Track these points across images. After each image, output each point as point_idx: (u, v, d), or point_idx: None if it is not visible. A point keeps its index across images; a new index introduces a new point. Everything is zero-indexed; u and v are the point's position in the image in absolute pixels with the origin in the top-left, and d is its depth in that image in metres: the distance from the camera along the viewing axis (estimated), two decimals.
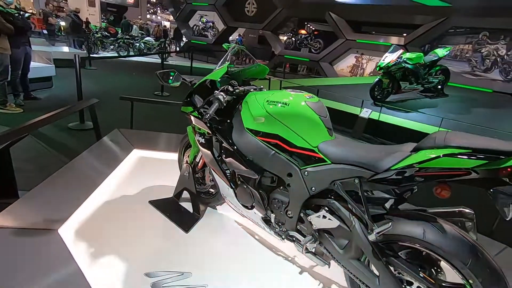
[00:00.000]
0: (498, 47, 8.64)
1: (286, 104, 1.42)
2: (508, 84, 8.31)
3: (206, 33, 15.92)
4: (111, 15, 21.93)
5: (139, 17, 23.64)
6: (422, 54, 6.19)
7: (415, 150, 1.11)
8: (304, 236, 1.46)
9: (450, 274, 1.23)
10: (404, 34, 9.91)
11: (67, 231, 1.77)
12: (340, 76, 11.10)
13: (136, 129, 3.65)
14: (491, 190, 0.99)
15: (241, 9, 13.60)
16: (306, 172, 1.39)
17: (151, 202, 2.18)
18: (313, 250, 1.46)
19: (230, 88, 1.62)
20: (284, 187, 1.52)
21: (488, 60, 8.73)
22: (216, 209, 2.22)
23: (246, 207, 1.66)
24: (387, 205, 1.27)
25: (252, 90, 1.70)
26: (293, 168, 1.43)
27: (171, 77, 1.78)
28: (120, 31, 15.44)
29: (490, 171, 0.95)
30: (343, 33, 10.69)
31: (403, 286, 1.20)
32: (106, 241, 1.75)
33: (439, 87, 6.51)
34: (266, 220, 1.62)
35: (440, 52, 6.26)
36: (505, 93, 7.91)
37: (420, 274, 1.16)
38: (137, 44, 13.05)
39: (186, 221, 2.02)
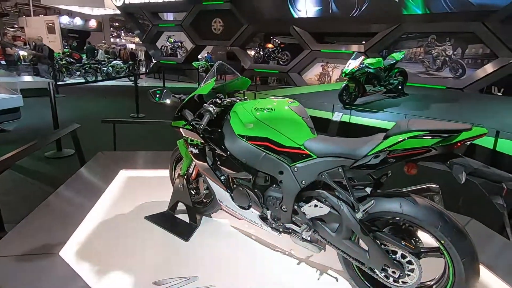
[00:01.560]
0: (445, 48, 9.59)
1: (272, 109, 1.60)
2: (458, 80, 9.20)
3: (175, 52, 16.05)
4: (73, 41, 21.43)
5: (103, 41, 23.28)
6: (381, 58, 6.75)
7: (386, 137, 1.32)
8: (300, 226, 1.61)
9: (426, 240, 1.44)
10: (363, 42, 10.69)
11: (68, 253, 1.78)
12: (309, 85, 11.64)
13: (119, 150, 3.66)
14: (448, 162, 1.22)
15: (208, 28, 13.94)
16: (295, 168, 1.56)
17: (147, 218, 2.24)
18: (309, 238, 1.61)
19: (218, 101, 1.78)
20: (277, 185, 1.67)
21: (438, 60, 9.64)
22: (211, 216, 2.32)
23: (243, 207, 1.79)
24: (368, 190, 1.47)
25: (238, 100, 1.86)
26: (283, 166, 1.59)
27: (160, 95, 1.91)
28: (85, 57, 15.15)
29: (445, 147, 1.18)
30: (308, 44, 11.31)
31: (389, 255, 1.38)
32: (109, 257, 1.79)
33: (400, 87, 7.10)
34: (263, 218, 1.76)
35: (397, 55, 6.86)
36: (457, 88, 8.75)
37: (402, 243, 1.35)
38: (105, 69, 12.88)
39: (184, 230, 2.10)
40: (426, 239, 1.46)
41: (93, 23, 25.09)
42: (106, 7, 19.33)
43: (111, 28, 30.69)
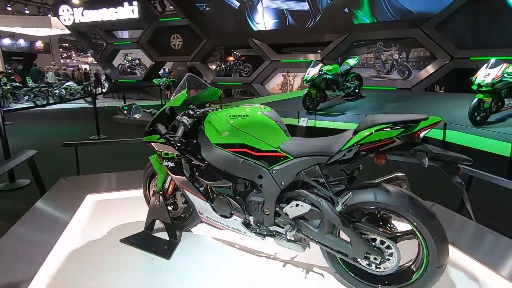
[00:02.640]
0: (392, 53, 10.49)
1: (246, 116, 1.64)
2: (406, 81, 10.08)
3: (134, 70, 15.60)
4: (19, 64, 19.87)
5: (52, 62, 21.88)
6: (337, 65, 7.20)
7: (355, 133, 1.42)
8: (283, 228, 1.65)
9: (400, 226, 1.55)
10: (319, 51, 11.30)
11: None
12: (273, 94, 11.96)
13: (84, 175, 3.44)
14: (412, 150, 1.34)
15: (166, 44, 13.80)
16: (274, 171, 1.61)
17: (123, 240, 2.12)
18: (293, 238, 1.65)
19: (191, 112, 1.78)
20: (257, 189, 1.70)
21: (387, 64, 10.50)
22: (191, 231, 2.26)
23: (225, 216, 1.78)
24: (343, 185, 1.56)
25: (210, 110, 1.88)
26: (262, 170, 1.63)
27: (129, 110, 1.86)
28: (30, 80, 14.08)
29: (407, 136, 1.31)
30: (268, 55, 11.68)
31: (370, 243, 1.47)
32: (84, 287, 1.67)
33: (356, 90, 7.60)
34: (246, 224, 1.76)
35: (351, 61, 7.36)
36: (405, 88, 9.58)
37: (380, 230, 1.45)
38: (57, 91, 12.09)
39: (164, 248, 2.02)
40: (400, 224, 1.58)
41: (39, 44, 23.55)
42: (53, 27, 18.31)
43: (61, 49, 29.01)
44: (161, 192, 2.11)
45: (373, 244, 1.47)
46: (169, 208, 2.20)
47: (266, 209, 1.66)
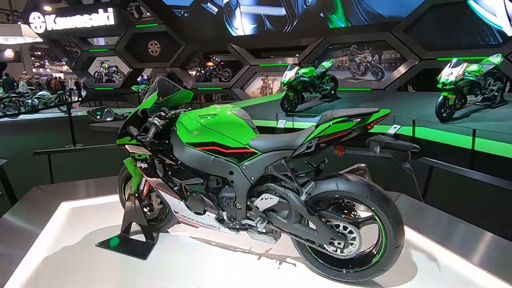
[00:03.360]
0: (365, 55, 10.93)
1: (215, 115, 1.72)
2: (380, 82, 10.51)
3: (111, 77, 15.30)
4: None
5: (24, 72, 21.04)
6: (313, 68, 7.42)
7: (316, 127, 1.53)
8: (254, 220, 1.72)
9: (363, 213, 1.66)
10: (297, 54, 11.58)
11: None
12: (253, 98, 12.10)
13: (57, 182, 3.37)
14: (366, 141, 1.46)
15: (144, 50, 13.68)
16: (244, 167, 1.69)
17: (99, 244, 2.12)
18: (264, 230, 1.73)
19: (163, 113, 1.83)
20: (229, 185, 1.77)
21: (362, 66, 10.92)
22: (168, 232, 2.29)
23: (199, 213, 1.84)
24: (309, 177, 1.66)
25: (182, 112, 1.94)
26: (232, 166, 1.71)
27: (101, 114, 1.89)
28: (1, 90, 13.49)
29: (361, 128, 1.43)
30: (247, 60, 11.83)
31: (334, 229, 1.57)
32: None
33: (332, 92, 7.86)
34: (220, 220, 1.83)
35: (326, 64, 7.61)
36: (379, 89, 9.99)
37: (343, 216, 1.55)
38: (29, 101, 11.66)
39: (141, 250, 2.04)
40: (362, 213, 1.70)
41: (9, 53, 22.56)
42: (24, 35, 17.65)
43: (33, 58, 27.97)
44: (136, 194, 2.14)
45: (337, 230, 1.57)
46: (145, 210, 2.22)
47: (238, 203, 1.73)
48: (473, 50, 8.31)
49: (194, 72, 15.11)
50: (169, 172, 1.86)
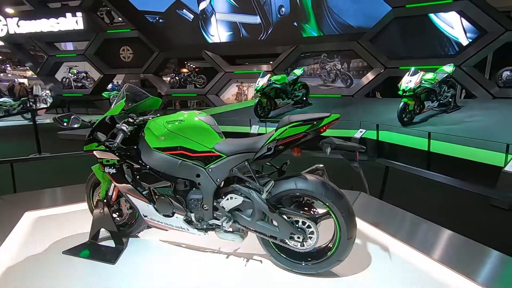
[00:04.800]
0: (335, 63, 11.44)
1: (182, 120, 1.80)
2: (349, 89, 11.03)
3: (80, 84, 14.75)
4: None
5: None
6: (285, 75, 7.68)
7: (276, 130, 1.66)
8: (220, 220, 1.82)
9: (320, 210, 1.81)
10: (271, 62, 11.88)
11: None
12: (228, 104, 12.20)
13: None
14: (320, 143, 1.62)
15: (116, 56, 13.37)
16: (210, 169, 1.78)
17: (66, 252, 2.10)
18: (230, 229, 1.83)
19: (131, 120, 1.89)
20: (196, 187, 1.85)
21: (332, 74, 11.41)
22: (138, 236, 2.31)
23: (168, 215, 1.90)
24: (272, 178, 1.79)
25: (150, 118, 2.00)
26: (199, 169, 1.80)
27: (68, 121, 1.91)
28: None
29: (315, 131, 1.58)
30: (221, 67, 11.95)
31: (294, 225, 1.70)
32: None
33: (304, 98, 8.15)
34: (188, 221, 1.90)
35: (298, 72, 7.90)
36: (349, 95, 10.48)
37: (301, 212, 1.69)
38: None
39: (110, 254, 2.05)
40: (320, 210, 1.84)
41: None
42: None
43: None
44: (105, 200, 2.15)
45: (297, 225, 1.71)
46: (114, 215, 2.24)
47: (205, 204, 1.82)
48: (432, 59, 9.00)
49: (168, 79, 14.96)
50: (138, 177, 1.91)
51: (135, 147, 1.91)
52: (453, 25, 9.10)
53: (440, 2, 8.62)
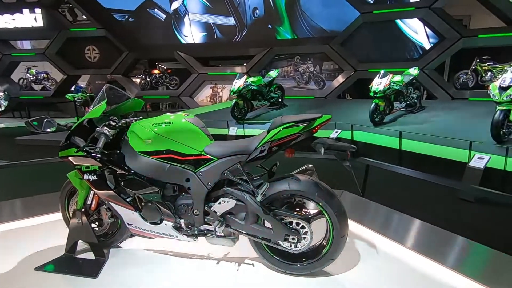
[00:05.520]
0: (308, 65, 11.70)
1: (170, 123, 1.73)
2: (322, 90, 11.34)
3: (40, 85, 13.71)
4: None
5: None
6: (261, 77, 7.72)
7: (268, 132, 1.65)
8: (213, 225, 1.76)
9: (312, 210, 1.82)
10: (244, 64, 11.87)
11: None
12: (202, 106, 12.01)
13: None
14: (312, 143, 1.63)
15: (80, 56, 12.61)
16: (200, 173, 1.72)
17: (39, 268, 1.92)
18: (223, 234, 1.78)
19: (112, 123, 1.78)
20: (185, 192, 1.78)
21: (305, 76, 11.66)
22: (120, 246, 2.18)
23: (155, 223, 1.81)
24: (263, 179, 1.77)
25: (133, 121, 1.90)
26: (189, 173, 1.73)
27: (40, 124, 1.75)
28: None
29: (308, 132, 1.59)
30: (195, 68, 11.73)
31: (288, 226, 1.70)
32: None
33: (280, 100, 8.24)
34: (177, 228, 1.82)
35: (273, 73, 7.98)
36: (321, 97, 10.77)
37: (295, 213, 1.69)
38: None
39: (91, 268, 1.91)
40: (312, 210, 1.86)
41: None
42: None
43: None
44: (83, 210, 2.00)
45: (291, 226, 1.70)
46: (94, 225, 2.09)
47: (195, 210, 1.76)
48: (398, 63, 9.53)
49: (138, 80, 14.40)
50: (122, 183, 1.80)
51: (118, 151, 1.80)
52: (417, 30, 9.73)
53: (404, 9, 9.17)
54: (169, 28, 11.81)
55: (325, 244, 1.74)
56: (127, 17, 12.08)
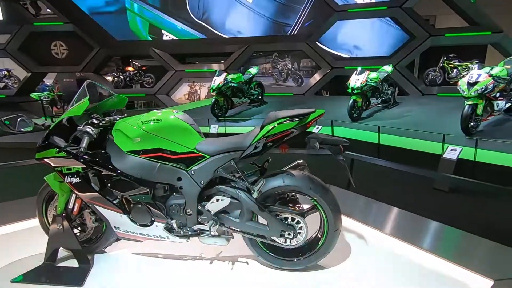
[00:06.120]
0: (286, 63, 11.79)
1: (159, 120, 1.65)
2: (300, 88, 11.48)
3: (1, 83, 12.71)
4: None
5: None
6: (241, 74, 7.66)
7: (261, 128, 1.63)
8: (206, 224, 1.72)
9: (305, 205, 1.83)
10: (222, 61, 11.73)
11: None
12: (180, 104, 11.74)
13: None
14: (306, 138, 1.63)
15: (46, 52, 11.85)
16: (192, 171, 1.67)
17: (16, 280, 1.78)
18: (217, 233, 1.74)
19: (95, 121, 1.67)
20: (177, 192, 1.72)
21: (283, 73, 11.74)
22: (105, 251, 2.07)
23: (146, 225, 1.73)
24: (256, 176, 1.76)
25: (118, 119, 1.80)
26: (180, 172, 1.67)
27: (14, 123, 1.61)
28: None
29: (302, 127, 1.59)
30: (171, 65, 11.42)
31: (284, 222, 1.69)
32: None
33: (260, 97, 8.24)
34: (169, 229, 1.75)
35: (253, 70, 7.94)
36: (300, 94, 10.91)
37: (290, 209, 1.69)
38: None
39: (75, 276, 1.80)
40: (305, 204, 1.87)
41: None
42: None
43: None
44: (64, 215, 1.87)
45: (286, 222, 1.70)
46: (76, 231, 1.96)
47: (188, 209, 1.70)
48: (372, 60, 9.87)
49: (110, 78, 13.78)
50: (108, 184, 1.70)
51: (103, 151, 1.70)
52: (389, 29, 10.12)
53: (377, 9, 9.49)
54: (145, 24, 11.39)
55: (320, 237, 1.76)
56: (98, 11, 11.48)
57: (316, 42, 10.40)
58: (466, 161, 3.92)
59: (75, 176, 1.70)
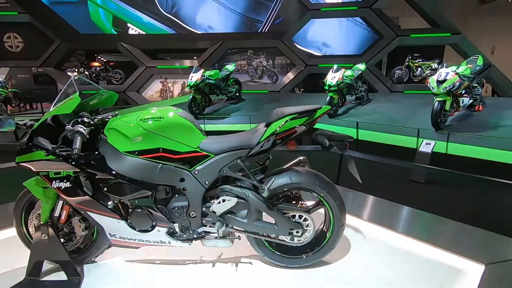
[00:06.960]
0: (261, 60, 11.79)
1: (160, 118, 1.55)
2: (275, 85, 11.56)
3: None
4: None
5: None
6: (218, 70, 7.52)
7: (267, 125, 1.59)
8: (212, 227, 1.65)
9: (309, 201, 1.83)
10: (195, 57, 11.43)
11: None
12: (152, 102, 11.28)
13: None
14: (313, 134, 1.62)
15: None
16: (196, 171, 1.59)
17: None
18: (221, 234, 1.67)
19: (86, 120, 1.52)
20: (180, 194, 1.63)
21: (258, 70, 11.73)
22: (96, 261, 1.91)
23: (146, 230, 1.62)
24: (260, 174, 1.71)
25: (110, 117, 1.66)
26: (183, 172, 1.58)
27: None
28: None
29: (310, 123, 1.58)
30: (142, 61, 10.90)
31: (291, 220, 1.67)
32: None
33: (237, 94, 8.16)
34: (171, 233, 1.66)
35: (230, 67, 7.83)
36: (275, 91, 10.98)
37: (297, 206, 1.67)
38: None
39: None
40: (308, 200, 1.87)
41: None
42: None
43: None
44: (49, 223, 1.69)
45: (294, 220, 1.68)
46: (62, 240, 1.78)
47: (192, 211, 1.62)
48: (345, 58, 10.20)
49: (74, 74, 12.84)
50: (104, 188, 1.56)
51: (96, 152, 1.55)
52: (360, 28, 10.52)
53: (348, 8, 9.81)
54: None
55: (326, 233, 1.76)
56: (57, 1, 10.62)
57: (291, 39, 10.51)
58: (440, 154, 4.20)
59: (65, 180, 1.54)
